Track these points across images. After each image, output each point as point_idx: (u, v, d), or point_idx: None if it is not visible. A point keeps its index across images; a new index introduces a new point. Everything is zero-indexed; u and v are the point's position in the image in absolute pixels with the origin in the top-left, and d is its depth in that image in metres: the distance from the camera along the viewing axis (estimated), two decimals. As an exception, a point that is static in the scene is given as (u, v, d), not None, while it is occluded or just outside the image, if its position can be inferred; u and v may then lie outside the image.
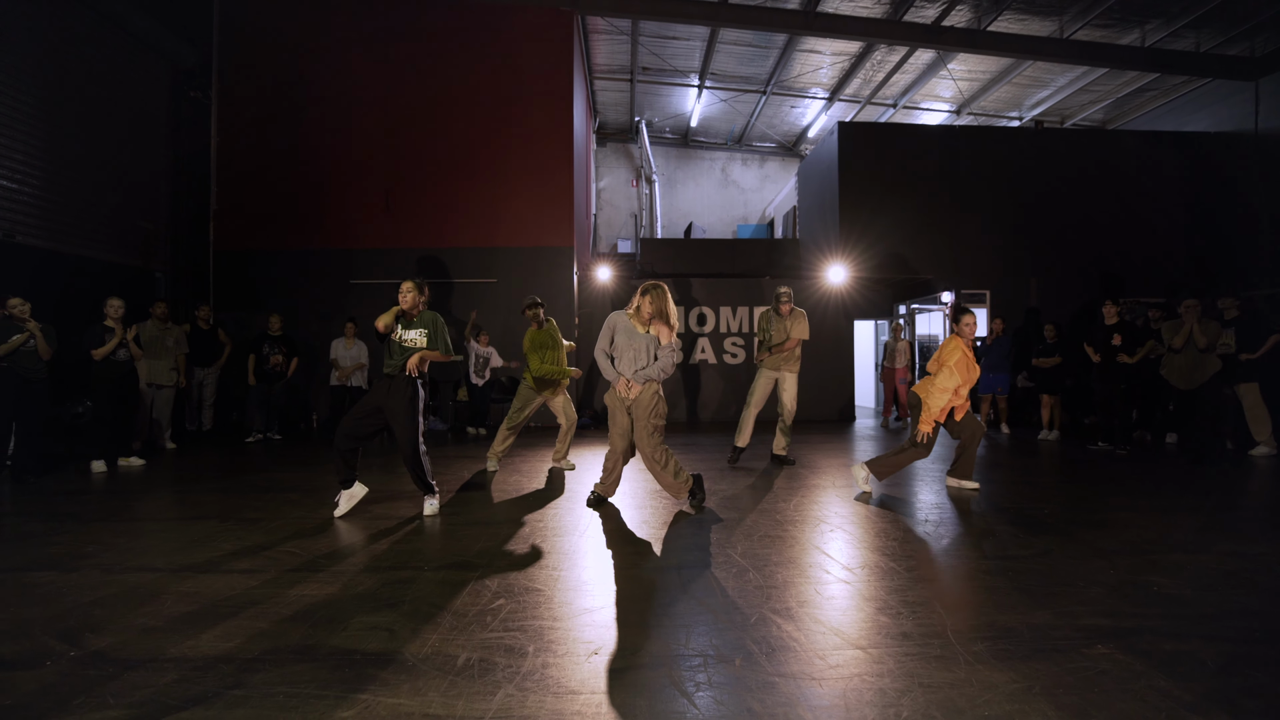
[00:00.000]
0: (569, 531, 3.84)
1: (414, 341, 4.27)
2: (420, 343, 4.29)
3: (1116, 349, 7.14)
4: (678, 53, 12.86)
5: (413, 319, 4.29)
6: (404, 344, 4.23)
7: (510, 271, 10.14)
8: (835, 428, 9.55)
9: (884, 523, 4.03)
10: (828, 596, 2.78)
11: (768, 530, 3.83)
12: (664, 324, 4.36)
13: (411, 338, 4.26)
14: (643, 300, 4.35)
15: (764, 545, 3.51)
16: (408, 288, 4.23)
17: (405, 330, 4.25)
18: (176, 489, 5.28)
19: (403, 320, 4.25)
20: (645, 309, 4.34)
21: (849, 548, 3.51)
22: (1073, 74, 12.30)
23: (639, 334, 4.34)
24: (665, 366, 4.35)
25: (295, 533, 3.82)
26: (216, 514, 4.31)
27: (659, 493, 4.90)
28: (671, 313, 4.35)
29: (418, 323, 4.31)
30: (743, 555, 3.33)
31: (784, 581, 2.96)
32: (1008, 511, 4.31)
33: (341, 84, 10.27)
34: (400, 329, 4.23)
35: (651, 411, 4.30)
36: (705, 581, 2.95)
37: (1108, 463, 6.34)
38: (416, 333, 4.29)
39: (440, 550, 3.47)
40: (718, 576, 3.01)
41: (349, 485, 4.32)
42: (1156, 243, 10.94)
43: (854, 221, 10.89)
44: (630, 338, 4.34)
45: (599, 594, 2.82)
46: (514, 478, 5.61)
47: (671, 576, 3.03)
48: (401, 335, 4.23)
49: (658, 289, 4.34)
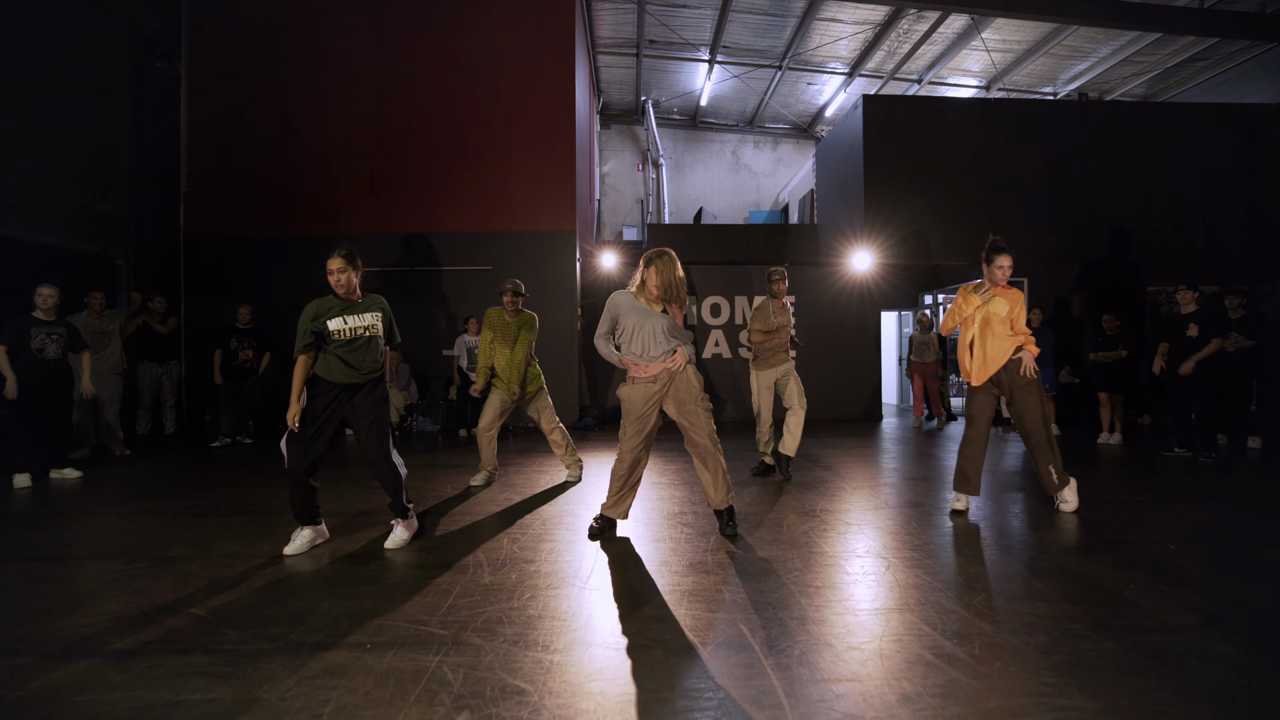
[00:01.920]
0: (567, 580, 2.97)
1: (371, 328, 3.41)
2: (377, 329, 3.43)
3: (1194, 341, 6.23)
4: (687, 23, 11.92)
5: (354, 302, 3.42)
6: (356, 335, 3.36)
7: (507, 258, 9.25)
8: (864, 428, 8.66)
9: (975, 570, 3.15)
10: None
11: (824, 580, 2.96)
12: (676, 303, 3.49)
13: (366, 324, 3.39)
14: (647, 273, 3.47)
15: (828, 607, 2.64)
16: (338, 265, 3.34)
17: (350, 316, 3.37)
18: (100, 511, 4.43)
19: (341, 307, 3.38)
20: (651, 282, 3.45)
21: (955, 619, 2.63)
22: (1116, 43, 11.32)
23: (652, 312, 3.48)
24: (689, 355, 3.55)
25: (214, 582, 2.96)
26: (127, 550, 3.46)
27: (678, 518, 4.02)
28: (682, 285, 3.48)
29: (364, 305, 3.44)
30: (803, 644, 2.46)
31: (871, 689, 2.09)
32: (1116, 549, 3.42)
33: (324, 55, 9.37)
34: (344, 317, 3.36)
35: (700, 394, 3.52)
36: (749, 677, 2.08)
37: (1199, 473, 5.44)
38: (371, 316, 3.43)
39: (395, 612, 2.60)
40: (767, 668, 2.14)
41: (315, 522, 3.49)
42: (1210, 225, 9.96)
43: (880, 203, 9.94)
44: (643, 318, 3.47)
45: (603, 695, 1.96)
46: (504, 494, 4.74)
47: (700, 664, 2.16)
48: (351, 326, 3.36)
49: (663, 256, 3.45)
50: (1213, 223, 9.94)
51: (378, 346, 3.46)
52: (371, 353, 3.42)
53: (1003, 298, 4.04)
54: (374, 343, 3.44)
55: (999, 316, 4.03)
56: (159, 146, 9.33)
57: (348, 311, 3.37)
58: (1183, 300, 6.44)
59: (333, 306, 3.36)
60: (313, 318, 3.32)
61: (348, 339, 3.35)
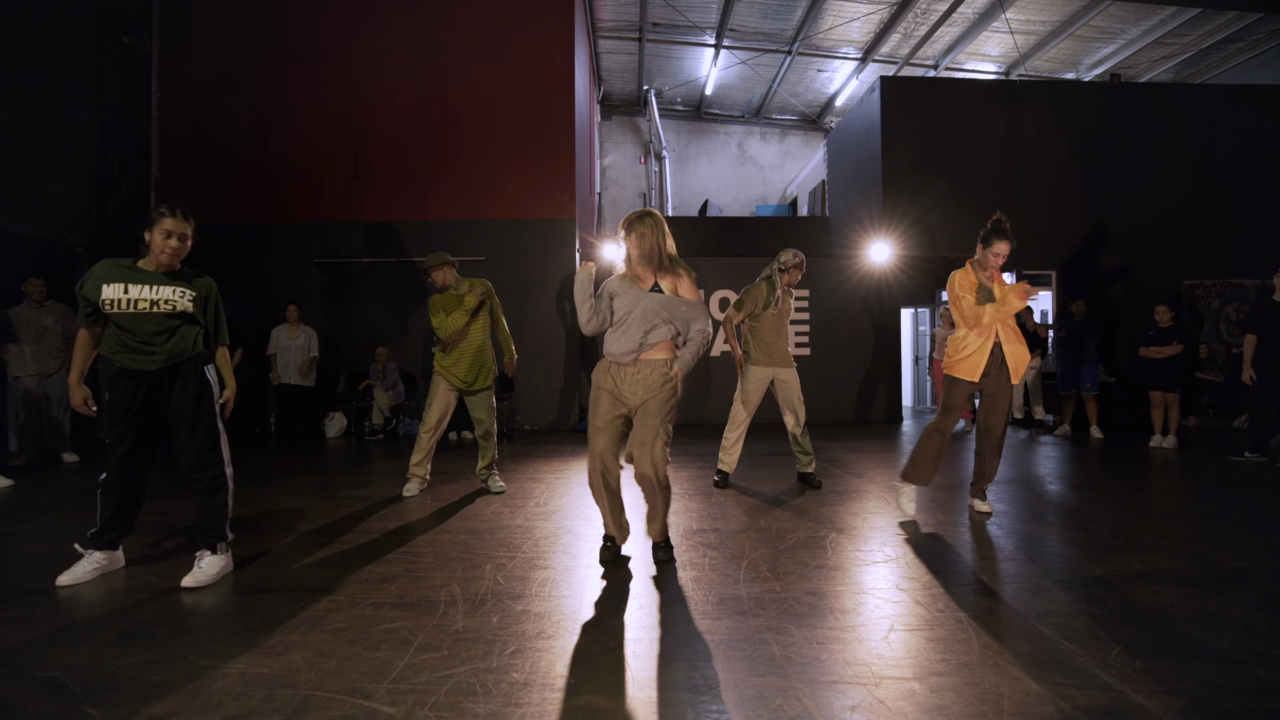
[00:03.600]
0: (563, 627, 2.30)
1: (170, 304, 2.70)
2: (182, 306, 2.72)
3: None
4: (693, 4, 11.30)
5: (171, 270, 2.77)
6: (148, 310, 2.67)
7: (503, 247, 8.60)
8: (886, 430, 8.00)
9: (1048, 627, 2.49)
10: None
11: (879, 616, 2.30)
12: (672, 274, 2.81)
13: (164, 297, 2.69)
14: (629, 240, 2.80)
15: (901, 662, 1.99)
16: (169, 225, 2.71)
17: (150, 287, 2.68)
18: (8, 530, 3.76)
19: (141, 275, 2.71)
20: (633, 251, 2.80)
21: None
22: (1149, 23, 10.69)
23: (642, 293, 2.78)
24: (698, 343, 2.81)
25: (56, 629, 2.30)
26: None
27: (697, 537, 3.35)
28: (671, 249, 2.82)
29: (177, 280, 2.76)
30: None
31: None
32: (1244, 581, 2.76)
33: (308, 33, 8.73)
34: (144, 286, 2.68)
35: (668, 401, 2.76)
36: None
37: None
38: (172, 291, 2.71)
39: (331, 675, 1.93)
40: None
41: (115, 546, 2.86)
42: (1251, 215, 9.28)
43: (899, 192, 9.29)
44: (635, 299, 2.77)
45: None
46: (490, 507, 4.07)
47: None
48: (143, 294, 2.66)
49: (646, 218, 2.79)
50: (1254, 212, 9.28)
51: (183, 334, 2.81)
52: (168, 329, 2.76)
53: (1013, 296, 3.45)
54: (160, 321, 2.73)
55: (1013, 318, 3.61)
56: (127, 129, 8.67)
57: (152, 281, 2.71)
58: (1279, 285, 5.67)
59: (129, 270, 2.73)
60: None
61: (141, 312, 2.68)
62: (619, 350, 2.78)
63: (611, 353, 2.81)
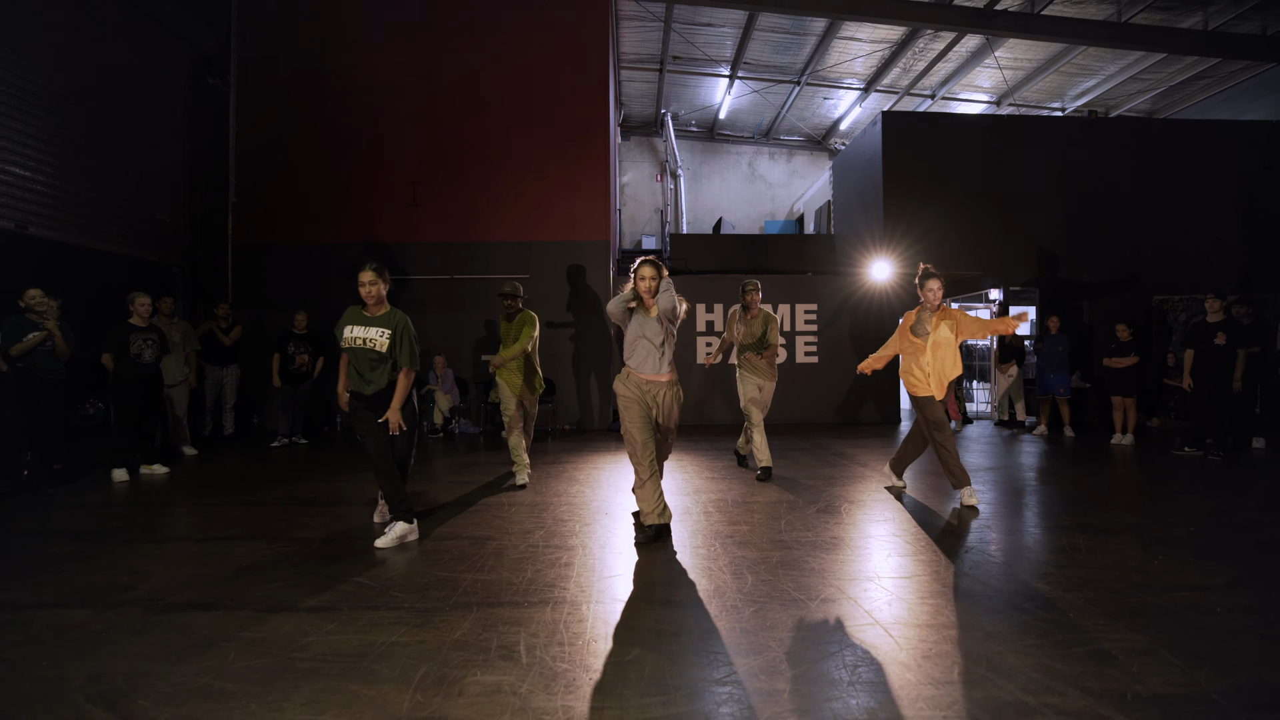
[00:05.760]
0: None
1: (372, 342, 3.64)
2: (380, 345, 3.63)
3: (1220, 349, 6.58)
4: (710, 40, 12.39)
5: (373, 315, 3.70)
6: (356, 345, 3.64)
7: (545, 267, 9.67)
8: (884, 430, 9.06)
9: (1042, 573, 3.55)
10: None
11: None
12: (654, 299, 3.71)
13: (369, 338, 3.63)
14: (636, 277, 3.68)
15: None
16: (368, 277, 3.65)
17: (358, 328, 3.65)
18: (209, 501, 4.83)
19: (357, 317, 3.70)
20: (640, 286, 3.66)
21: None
22: (1124, 61, 11.81)
23: (649, 320, 3.73)
24: (668, 294, 3.67)
25: (353, 555, 3.37)
26: (264, 533, 3.86)
27: (734, 515, 4.42)
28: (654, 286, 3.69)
29: (380, 320, 3.68)
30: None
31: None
32: (1139, 531, 3.83)
33: (367, 71, 9.81)
34: (353, 326, 3.67)
35: (679, 416, 3.98)
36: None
37: (1209, 469, 5.85)
38: (376, 332, 3.64)
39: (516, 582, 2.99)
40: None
41: (410, 519, 3.72)
42: (1213, 237, 10.38)
43: (899, 214, 10.38)
44: (641, 327, 3.72)
45: None
46: (539, 497, 5.14)
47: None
48: (355, 335, 3.64)
49: (655, 264, 3.70)
50: (1215, 235, 10.38)
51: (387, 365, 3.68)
52: (376, 367, 3.66)
53: (944, 324, 4.56)
54: (369, 356, 3.64)
55: (948, 340, 4.58)
56: (208, 158, 9.77)
57: (359, 321, 3.68)
58: (1210, 308, 6.73)
59: (354, 315, 3.72)
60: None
61: (352, 348, 3.66)
62: (650, 371, 3.75)
63: (643, 371, 3.76)
